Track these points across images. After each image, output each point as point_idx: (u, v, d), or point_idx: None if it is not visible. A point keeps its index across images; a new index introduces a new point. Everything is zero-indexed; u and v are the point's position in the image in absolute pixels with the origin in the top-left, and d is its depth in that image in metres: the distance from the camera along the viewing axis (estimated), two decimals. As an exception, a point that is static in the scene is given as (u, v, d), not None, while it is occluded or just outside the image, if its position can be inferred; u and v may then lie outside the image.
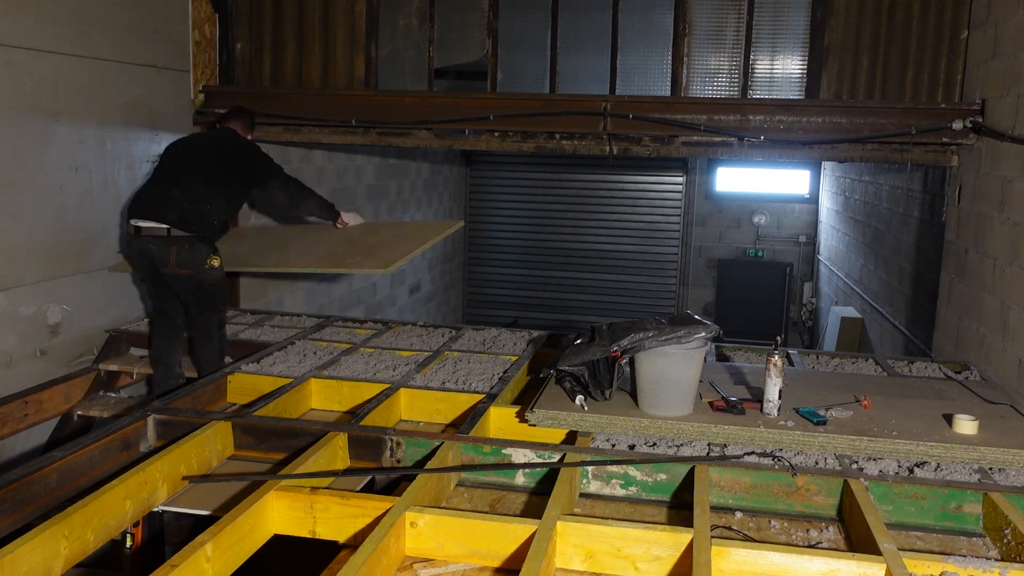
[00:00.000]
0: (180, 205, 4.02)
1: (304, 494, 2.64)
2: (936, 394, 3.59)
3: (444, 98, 5.29)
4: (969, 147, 4.70)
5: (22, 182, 4.04)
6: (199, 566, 2.25)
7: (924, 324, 5.85)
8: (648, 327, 3.13)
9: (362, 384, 3.86)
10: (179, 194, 4.05)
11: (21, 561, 2.23)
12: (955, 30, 4.82)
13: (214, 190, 4.14)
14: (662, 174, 11.54)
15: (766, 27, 5.19)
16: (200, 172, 4.17)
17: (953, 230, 4.90)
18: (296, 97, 5.44)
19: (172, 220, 3.99)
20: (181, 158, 4.27)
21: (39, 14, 4.07)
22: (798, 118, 4.89)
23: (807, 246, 11.30)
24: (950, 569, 2.31)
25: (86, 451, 2.99)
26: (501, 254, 12.09)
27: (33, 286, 4.15)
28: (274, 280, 6.44)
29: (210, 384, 3.83)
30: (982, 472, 2.95)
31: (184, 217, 4.01)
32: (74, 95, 4.32)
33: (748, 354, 4.50)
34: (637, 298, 11.70)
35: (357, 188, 7.91)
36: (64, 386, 4.15)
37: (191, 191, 4.08)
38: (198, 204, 4.06)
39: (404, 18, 5.57)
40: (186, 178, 4.12)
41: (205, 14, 5.37)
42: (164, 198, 4.06)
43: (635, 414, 3.17)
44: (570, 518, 2.50)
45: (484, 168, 11.96)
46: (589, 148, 5.17)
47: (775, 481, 2.84)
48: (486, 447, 3.08)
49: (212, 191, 4.13)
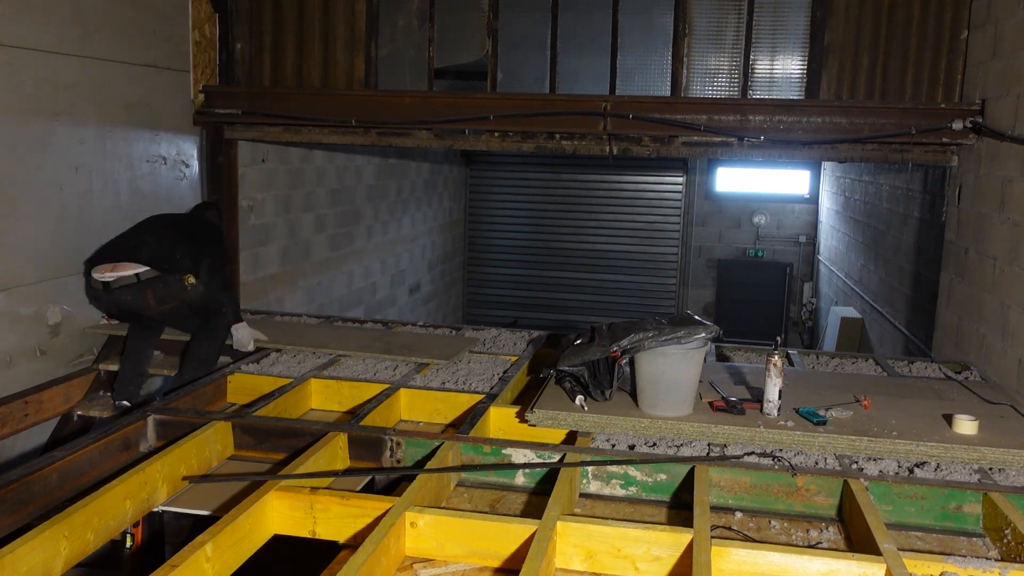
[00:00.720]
0: (152, 247, 4.12)
1: (304, 494, 2.64)
2: (936, 394, 3.59)
3: (444, 98, 5.29)
4: (969, 147, 4.70)
5: (22, 182, 4.04)
6: (199, 566, 2.25)
7: (924, 324, 5.84)
8: (648, 327, 3.13)
9: (362, 384, 3.87)
10: (151, 239, 4.17)
11: (21, 561, 2.23)
12: (955, 30, 4.82)
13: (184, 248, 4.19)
14: (662, 174, 11.54)
15: (766, 27, 5.18)
16: (169, 228, 4.34)
17: (953, 230, 4.90)
18: (296, 97, 5.44)
19: (145, 259, 4.04)
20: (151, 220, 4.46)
21: (39, 14, 4.07)
22: (798, 118, 4.89)
23: (807, 246, 11.30)
24: (950, 569, 2.31)
25: (86, 451, 2.99)
26: (501, 254, 12.08)
27: (33, 286, 4.15)
28: (274, 280, 6.44)
29: (210, 384, 3.83)
30: (982, 472, 2.95)
31: (157, 256, 4.07)
32: (74, 95, 4.32)
33: (748, 354, 4.49)
34: (637, 298, 11.70)
35: (357, 188, 7.91)
36: (64, 386, 4.14)
37: (161, 240, 4.19)
38: (168, 251, 4.13)
39: (404, 18, 5.57)
40: (157, 229, 4.30)
41: (205, 14, 5.37)
42: (136, 242, 4.15)
43: (635, 414, 3.17)
44: (570, 518, 2.50)
45: (484, 168, 11.96)
46: (589, 148, 5.17)
47: (775, 481, 2.84)
48: (486, 447, 3.08)
49: (181, 244, 4.19)
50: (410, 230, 9.55)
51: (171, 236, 4.25)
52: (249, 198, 5.95)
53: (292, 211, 6.64)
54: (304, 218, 6.87)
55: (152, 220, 4.45)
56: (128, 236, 4.29)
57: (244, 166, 5.80)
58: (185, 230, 4.42)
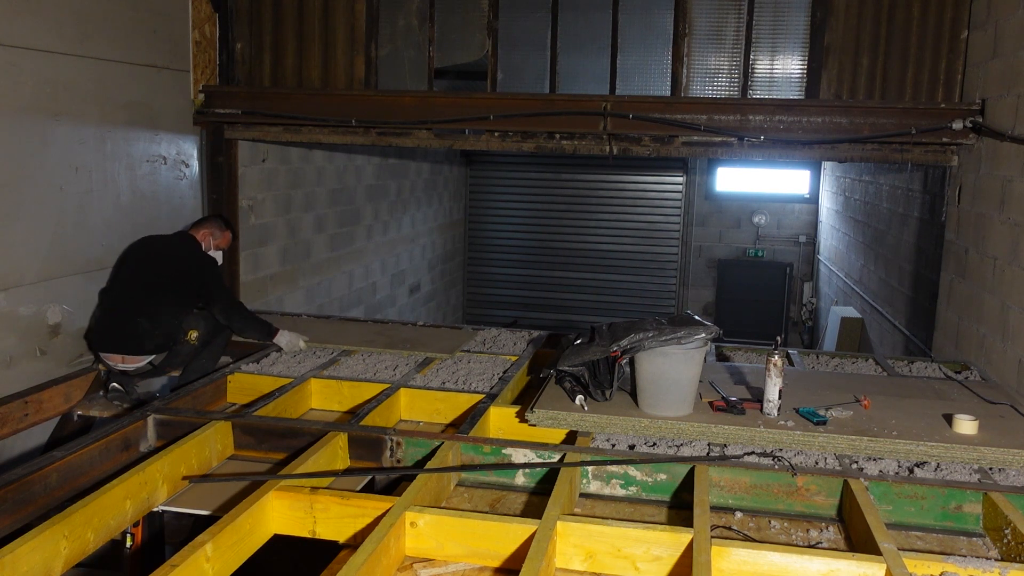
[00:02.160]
0: (152, 334, 4.08)
1: (304, 494, 2.64)
2: (936, 394, 3.59)
3: (444, 98, 5.29)
4: (969, 147, 4.70)
5: (22, 182, 4.04)
6: (199, 566, 2.25)
7: (924, 324, 5.84)
8: (648, 327, 3.13)
9: (362, 384, 3.87)
10: (147, 323, 4.07)
11: (21, 561, 2.23)
12: (955, 30, 4.82)
13: (176, 307, 4.16)
14: (662, 174, 11.53)
15: (766, 27, 5.18)
16: (158, 290, 4.16)
17: (953, 230, 4.90)
18: (296, 97, 5.44)
19: (151, 349, 4.08)
20: (138, 272, 4.24)
21: (39, 14, 4.07)
22: (798, 118, 4.89)
23: (807, 246, 11.30)
24: (950, 569, 2.31)
25: (86, 451, 2.99)
26: (501, 254, 12.08)
27: (33, 286, 4.14)
28: (274, 280, 6.44)
29: (210, 384, 3.83)
30: (982, 472, 2.95)
31: (160, 344, 4.10)
32: (74, 95, 4.32)
33: (748, 354, 4.50)
34: (637, 298, 11.70)
35: (357, 188, 7.91)
36: (64, 386, 4.14)
37: (158, 316, 4.09)
38: (167, 327, 4.11)
39: (404, 18, 5.57)
40: (150, 302, 4.11)
41: (205, 14, 5.37)
42: (135, 330, 4.06)
43: (635, 414, 3.17)
44: (570, 518, 2.50)
45: (484, 168, 11.95)
46: (589, 148, 5.17)
47: (775, 481, 2.84)
48: (486, 447, 3.08)
49: (176, 308, 4.15)
50: (410, 230, 9.55)
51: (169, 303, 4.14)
52: (249, 198, 5.95)
53: (292, 211, 6.64)
54: (304, 218, 6.87)
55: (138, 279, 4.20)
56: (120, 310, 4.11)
57: (244, 166, 5.80)
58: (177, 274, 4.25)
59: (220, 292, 4.34)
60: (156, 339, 4.08)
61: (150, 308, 4.09)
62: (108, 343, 4.10)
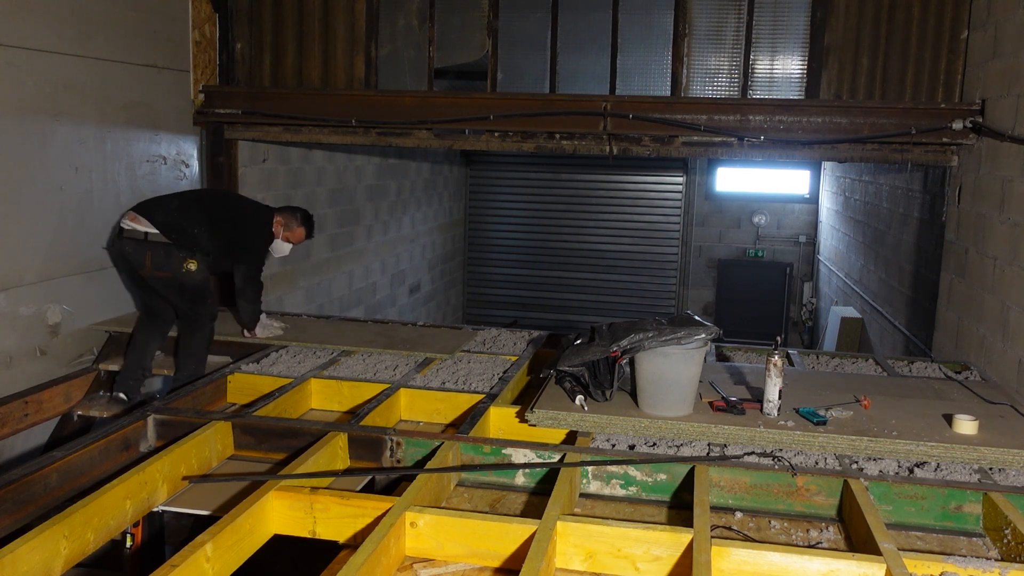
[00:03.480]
0: (171, 214, 4.14)
1: (304, 494, 2.64)
2: (936, 394, 3.59)
3: (444, 98, 5.29)
4: (969, 147, 4.70)
5: (22, 182, 4.04)
6: (199, 566, 2.25)
7: (924, 324, 5.84)
8: (648, 327, 3.13)
9: (362, 384, 3.87)
10: (176, 206, 4.21)
11: (21, 561, 2.23)
12: (955, 30, 4.82)
13: (206, 227, 4.20)
14: (662, 174, 11.53)
15: (766, 27, 5.18)
16: (205, 211, 4.30)
17: (953, 230, 4.90)
18: (296, 97, 5.44)
19: (158, 221, 4.08)
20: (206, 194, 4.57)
21: (39, 14, 4.07)
22: (798, 118, 4.89)
23: (807, 246, 11.30)
24: (950, 569, 2.31)
25: (86, 451, 2.99)
26: (501, 254, 12.08)
27: (33, 286, 4.15)
28: (274, 280, 6.43)
29: (210, 384, 3.83)
30: (982, 472, 2.95)
31: (169, 223, 4.10)
32: (74, 95, 4.32)
33: (748, 354, 4.49)
34: (637, 298, 11.69)
35: (357, 188, 7.91)
36: (64, 386, 4.14)
37: (187, 212, 4.20)
38: (188, 224, 4.14)
39: (404, 18, 5.57)
40: (192, 205, 4.30)
41: (205, 14, 5.37)
42: (160, 204, 4.23)
43: (635, 414, 3.17)
44: (570, 518, 2.50)
45: (484, 168, 11.95)
46: (589, 148, 5.17)
47: (775, 481, 2.84)
48: (486, 447, 3.08)
49: (204, 227, 4.20)
50: (410, 230, 9.54)
51: (202, 217, 4.21)
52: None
53: (292, 211, 6.63)
54: (304, 218, 6.86)
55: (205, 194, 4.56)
56: (170, 197, 4.42)
57: (244, 166, 5.80)
58: (227, 219, 4.38)
59: (254, 260, 4.46)
60: (172, 228, 4.08)
61: (192, 204, 4.28)
62: (139, 207, 4.19)
